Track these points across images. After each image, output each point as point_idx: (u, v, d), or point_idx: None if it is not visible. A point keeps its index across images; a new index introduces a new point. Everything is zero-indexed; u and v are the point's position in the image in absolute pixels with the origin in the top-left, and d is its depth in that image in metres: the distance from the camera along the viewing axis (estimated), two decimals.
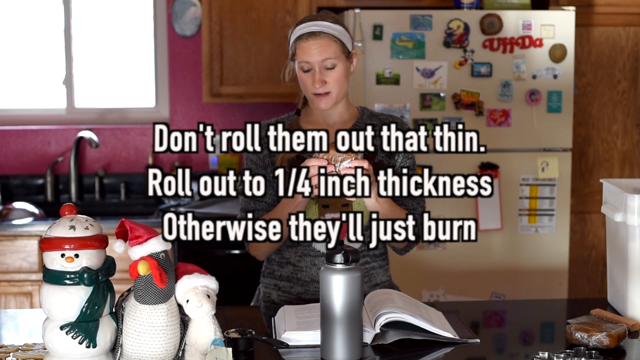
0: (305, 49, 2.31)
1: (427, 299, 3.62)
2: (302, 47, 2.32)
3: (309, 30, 2.32)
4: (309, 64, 2.32)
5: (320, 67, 2.31)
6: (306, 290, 2.40)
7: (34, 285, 3.75)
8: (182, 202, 4.12)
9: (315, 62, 2.31)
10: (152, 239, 1.71)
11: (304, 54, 2.32)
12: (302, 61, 2.33)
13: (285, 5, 4.04)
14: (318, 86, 2.32)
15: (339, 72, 2.33)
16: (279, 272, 2.44)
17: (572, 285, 4.01)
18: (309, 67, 2.32)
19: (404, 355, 1.93)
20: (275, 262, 2.45)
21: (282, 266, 2.43)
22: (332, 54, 2.31)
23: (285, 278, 2.43)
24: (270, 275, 2.47)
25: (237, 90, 4.09)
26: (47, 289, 1.70)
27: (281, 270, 2.44)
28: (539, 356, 1.85)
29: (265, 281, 2.49)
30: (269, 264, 2.48)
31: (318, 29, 2.32)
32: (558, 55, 3.64)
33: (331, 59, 2.31)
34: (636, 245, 2.10)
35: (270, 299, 2.46)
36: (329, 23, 2.33)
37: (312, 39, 2.31)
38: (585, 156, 4.03)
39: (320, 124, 2.42)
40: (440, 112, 3.62)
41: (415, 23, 3.58)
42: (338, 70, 2.33)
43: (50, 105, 4.48)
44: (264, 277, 2.51)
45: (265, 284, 2.49)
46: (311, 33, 2.31)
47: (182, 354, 1.76)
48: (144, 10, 4.46)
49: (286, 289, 2.43)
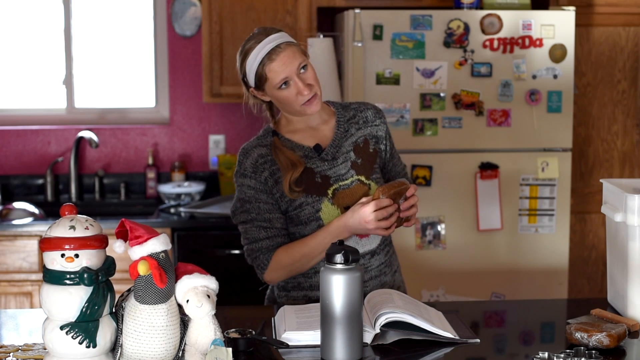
0: (276, 67, 2.25)
1: (427, 299, 3.62)
2: (272, 68, 2.25)
3: (269, 49, 2.25)
4: (287, 78, 2.26)
5: (297, 74, 2.27)
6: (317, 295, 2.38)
7: (34, 285, 3.75)
8: (182, 202, 4.12)
9: (292, 73, 2.25)
10: (152, 239, 1.71)
11: (277, 73, 2.25)
12: (278, 81, 2.26)
13: (285, 5, 4.04)
14: (307, 92, 2.26)
15: (311, 70, 2.31)
16: (307, 283, 2.38)
17: (572, 285, 4.01)
18: (287, 81, 2.26)
19: (404, 355, 1.93)
20: (299, 275, 2.38)
21: (310, 277, 2.38)
22: (300, 57, 2.28)
23: (316, 287, 2.37)
24: (297, 287, 2.40)
25: (237, 90, 4.07)
26: (47, 289, 1.70)
27: (310, 280, 2.38)
28: (539, 356, 1.85)
29: (292, 294, 2.41)
30: (292, 278, 2.40)
31: (276, 43, 2.26)
32: (558, 55, 3.64)
33: (301, 61, 2.27)
34: (636, 245, 2.10)
35: None
36: (277, 34, 2.28)
37: (277, 55, 2.25)
38: (585, 156, 4.03)
39: (304, 130, 2.40)
40: (440, 112, 3.62)
41: (415, 23, 3.58)
42: (310, 67, 2.31)
43: (50, 105, 4.48)
44: (286, 291, 2.42)
45: (292, 297, 2.41)
46: (272, 50, 2.25)
47: (182, 354, 1.76)
48: (144, 10, 4.47)
49: (299, 297, 2.39)
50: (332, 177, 2.35)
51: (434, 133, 3.63)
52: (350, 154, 2.38)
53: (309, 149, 2.37)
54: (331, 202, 2.32)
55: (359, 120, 2.44)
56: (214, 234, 3.83)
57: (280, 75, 2.25)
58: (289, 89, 2.27)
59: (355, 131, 2.42)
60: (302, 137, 2.39)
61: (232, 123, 4.43)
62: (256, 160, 2.34)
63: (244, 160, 2.35)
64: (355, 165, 2.38)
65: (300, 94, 2.26)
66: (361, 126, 2.43)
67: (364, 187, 2.36)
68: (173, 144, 4.44)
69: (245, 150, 2.38)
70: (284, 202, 2.34)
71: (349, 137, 2.41)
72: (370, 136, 2.43)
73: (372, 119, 2.45)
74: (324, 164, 2.36)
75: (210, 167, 4.43)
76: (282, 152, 2.33)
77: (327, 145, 2.38)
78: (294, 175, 2.30)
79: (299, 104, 2.29)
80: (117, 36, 4.49)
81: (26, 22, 4.44)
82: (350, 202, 2.33)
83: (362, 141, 2.41)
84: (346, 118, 2.43)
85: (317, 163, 2.36)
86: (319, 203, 2.32)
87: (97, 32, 4.48)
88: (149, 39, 4.47)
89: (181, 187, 4.18)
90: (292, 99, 2.28)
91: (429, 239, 3.63)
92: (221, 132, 4.44)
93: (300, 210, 2.32)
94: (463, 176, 3.65)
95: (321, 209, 2.32)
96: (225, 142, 4.43)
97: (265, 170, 2.33)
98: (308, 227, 2.33)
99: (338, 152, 2.38)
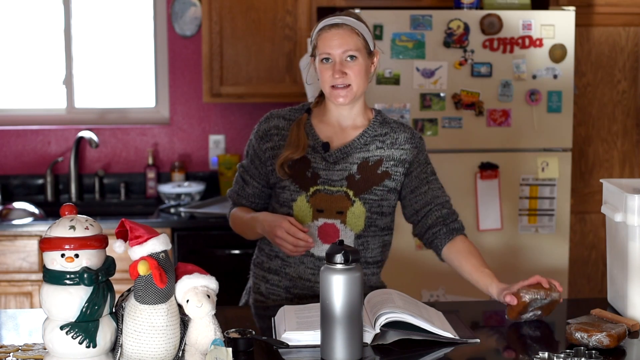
0: (326, 40, 2.30)
1: (427, 299, 3.62)
2: (323, 38, 2.31)
3: (332, 22, 2.32)
4: (329, 55, 2.30)
5: (341, 59, 2.29)
6: (294, 285, 2.42)
7: (34, 285, 3.75)
8: (182, 202, 4.12)
9: (336, 54, 2.29)
10: (152, 239, 1.71)
11: (325, 44, 2.30)
12: (322, 52, 2.31)
13: (285, 5, 4.04)
14: (337, 76, 2.28)
15: (359, 65, 2.30)
16: (267, 265, 2.46)
17: (572, 285, 4.01)
18: (328, 58, 2.30)
19: (404, 355, 1.93)
20: (264, 254, 2.47)
21: (271, 259, 2.45)
22: (352, 46, 2.29)
23: (273, 271, 2.44)
24: (259, 266, 2.49)
25: (237, 90, 4.09)
26: (47, 289, 1.70)
27: (270, 262, 2.45)
28: (539, 356, 1.85)
29: (255, 271, 2.52)
30: (260, 253, 2.50)
31: (340, 21, 2.32)
32: (558, 55, 3.64)
33: (352, 50, 2.29)
34: (636, 245, 2.10)
35: (259, 290, 2.47)
36: (351, 18, 2.34)
37: (335, 29, 2.30)
38: (585, 156, 4.03)
39: (332, 125, 2.40)
40: (440, 112, 3.62)
41: (415, 23, 3.58)
42: (359, 63, 2.30)
43: (50, 105, 4.48)
44: (254, 267, 2.53)
45: (255, 274, 2.51)
46: (333, 24, 2.31)
47: (182, 354, 1.76)
48: (144, 10, 4.46)
49: (274, 282, 2.44)
50: (322, 178, 2.36)
51: (434, 133, 3.63)
52: (353, 166, 2.37)
53: (320, 142, 2.38)
54: (307, 200, 2.35)
55: (386, 139, 2.40)
56: (214, 234, 3.83)
57: (324, 49, 2.30)
58: (327, 66, 2.31)
59: (375, 149, 2.39)
60: (324, 130, 2.40)
61: (232, 123, 4.43)
62: (270, 129, 2.42)
63: (263, 122, 2.45)
64: (351, 179, 2.37)
65: (332, 76, 2.29)
66: (385, 146, 2.39)
67: (347, 202, 2.35)
68: (173, 144, 4.44)
69: (270, 115, 2.46)
70: (274, 177, 2.40)
71: (364, 151, 2.38)
72: (389, 158, 2.39)
73: (402, 142, 2.41)
74: (322, 163, 2.36)
75: (210, 167, 4.43)
76: (298, 130, 2.38)
77: (337, 147, 2.38)
78: (291, 155, 2.35)
79: (329, 85, 2.32)
80: (117, 36, 4.49)
81: (26, 22, 4.44)
82: (325, 207, 2.35)
83: (374, 160, 2.38)
84: (376, 133, 2.40)
85: (317, 159, 2.36)
86: (297, 195, 2.36)
87: (97, 32, 4.48)
88: (149, 39, 4.47)
89: (181, 187, 4.18)
90: (326, 78, 2.32)
91: None
92: (221, 132, 4.44)
93: (282, 191, 2.39)
94: (463, 176, 3.65)
95: (296, 201, 2.36)
96: (225, 142, 4.43)
97: (271, 142, 2.40)
98: (281, 210, 2.40)
99: (342, 159, 2.37)
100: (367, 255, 2.42)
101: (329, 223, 2.35)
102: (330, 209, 2.35)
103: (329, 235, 2.36)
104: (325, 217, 2.36)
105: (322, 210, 2.35)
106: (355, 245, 2.38)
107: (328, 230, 2.36)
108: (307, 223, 2.36)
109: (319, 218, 2.36)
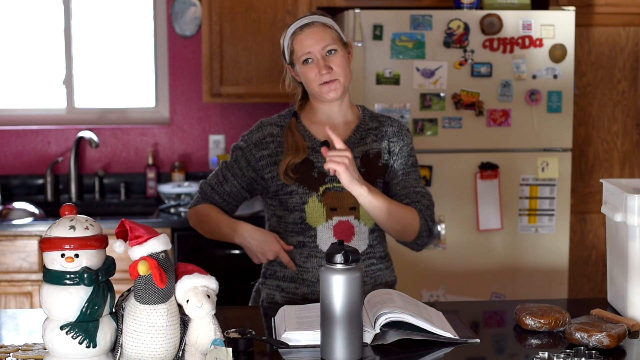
0: (302, 41, 2.32)
1: (427, 299, 3.62)
2: (299, 40, 2.33)
3: (302, 23, 2.34)
4: (309, 55, 2.32)
5: (322, 55, 2.31)
6: (313, 290, 2.40)
7: (34, 285, 3.75)
8: (182, 202, 4.12)
9: (317, 51, 2.31)
10: (152, 239, 1.71)
11: (303, 45, 2.32)
12: (302, 54, 2.32)
13: (285, 5, 4.04)
14: (325, 72, 2.30)
15: (341, 58, 2.33)
16: (281, 273, 2.43)
17: (572, 285, 4.01)
18: (310, 57, 2.32)
19: (404, 355, 1.93)
20: (277, 263, 2.44)
21: (286, 267, 2.42)
22: (330, 40, 2.32)
23: (289, 279, 2.42)
24: (272, 276, 2.46)
25: (237, 90, 4.09)
26: (47, 289, 1.70)
27: (284, 270, 2.43)
28: (539, 356, 1.85)
29: (268, 283, 2.47)
30: (270, 266, 2.47)
31: (310, 20, 2.34)
32: (558, 55, 3.64)
33: (330, 44, 2.32)
34: (636, 245, 2.10)
35: (274, 300, 2.45)
36: (318, 15, 2.36)
37: (307, 29, 2.32)
38: (585, 156, 4.03)
39: (324, 123, 2.41)
40: (440, 112, 3.62)
41: (415, 23, 3.58)
42: (340, 55, 2.33)
43: (50, 105, 4.48)
44: (265, 279, 2.49)
45: (267, 285, 2.47)
46: (304, 25, 2.33)
47: (182, 354, 1.76)
48: (144, 10, 4.47)
49: (291, 289, 2.42)
50: (328, 176, 2.36)
51: (434, 133, 3.63)
52: (356, 160, 2.38)
53: (318, 142, 2.38)
54: (319, 199, 2.35)
55: (378, 133, 2.44)
56: None
57: (303, 50, 2.31)
58: (310, 66, 2.32)
59: (371, 142, 2.42)
60: (318, 130, 2.41)
61: (232, 123, 4.43)
62: (264, 137, 2.41)
63: (255, 131, 2.43)
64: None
65: (319, 73, 2.30)
66: (378, 139, 2.43)
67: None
68: (173, 144, 4.44)
69: (262, 124, 2.45)
70: (275, 184, 2.38)
71: (362, 145, 2.41)
72: (385, 150, 2.43)
73: (391, 135, 2.44)
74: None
75: (210, 167, 4.43)
76: (293, 135, 2.38)
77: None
78: (293, 160, 2.35)
79: (317, 84, 2.32)
80: (117, 36, 4.49)
81: (26, 22, 4.44)
82: (338, 204, 2.36)
83: (374, 153, 2.41)
84: (368, 126, 2.44)
85: (320, 158, 2.37)
86: (308, 196, 2.35)
87: (97, 32, 4.48)
88: (149, 39, 4.47)
89: (181, 187, 4.18)
90: (312, 77, 2.32)
91: None
92: (221, 132, 4.44)
93: (290, 197, 2.37)
94: (463, 176, 3.65)
95: (308, 203, 2.36)
96: (225, 142, 4.43)
97: (267, 149, 2.39)
98: (292, 216, 2.38)
99: None
100: (379, 250, 2.44)
101: (343, 220, 2.36)
102: (343, 206, 2.36)
103: (345, 233, 2.37)
104: (339, 214, 2.36)
105: (335, 209, 2.36)
106: (370, 240, 2.40)
107: (343, 228, 2.37)
108: (322, 224, 2.36)
109: (333, 217, 2.36)
